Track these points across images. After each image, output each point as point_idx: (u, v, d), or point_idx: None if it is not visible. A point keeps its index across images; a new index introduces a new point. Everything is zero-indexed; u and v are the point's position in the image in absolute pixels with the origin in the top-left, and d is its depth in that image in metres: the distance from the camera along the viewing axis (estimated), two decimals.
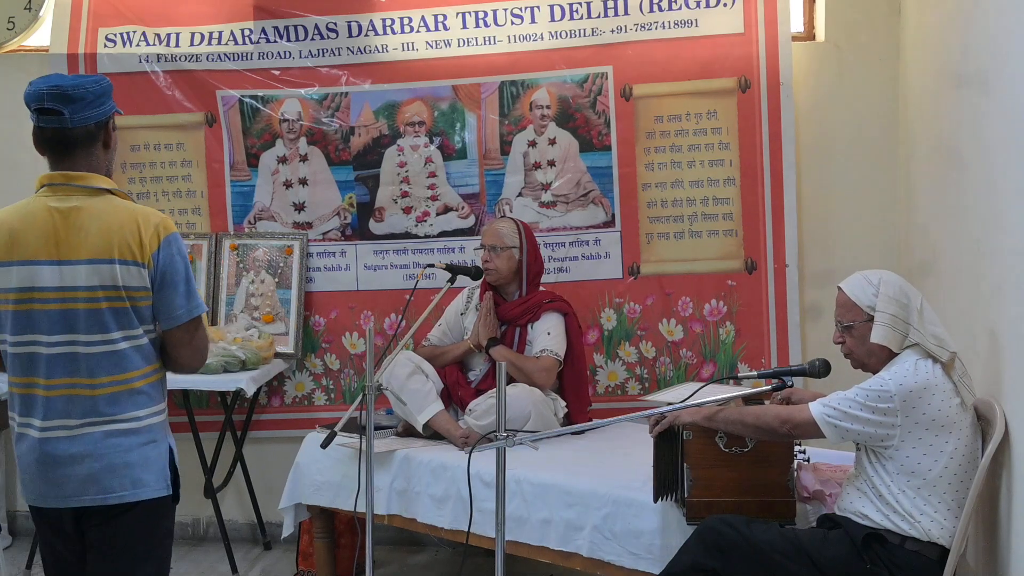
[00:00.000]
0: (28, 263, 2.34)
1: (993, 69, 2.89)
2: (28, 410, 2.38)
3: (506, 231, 3.98)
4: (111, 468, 2.36)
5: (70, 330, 2.34)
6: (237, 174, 4.58)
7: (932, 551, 2.61)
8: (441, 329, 4.12)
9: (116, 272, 2.33)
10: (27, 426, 2.39)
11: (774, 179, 4.28)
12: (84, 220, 2.35)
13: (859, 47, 4.28)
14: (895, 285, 2.73)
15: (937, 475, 2.62)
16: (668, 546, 2.97)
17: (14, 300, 2.36)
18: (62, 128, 2.37)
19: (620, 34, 4.32)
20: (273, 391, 4.62)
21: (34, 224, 2.36)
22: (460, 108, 4.45)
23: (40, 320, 2.35)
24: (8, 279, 2.35)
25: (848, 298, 2.78)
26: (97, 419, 2.36)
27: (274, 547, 4.57)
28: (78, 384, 2.35)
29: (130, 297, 2.35)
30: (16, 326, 2.36)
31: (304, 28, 4.48)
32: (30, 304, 2.35)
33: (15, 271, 2.35)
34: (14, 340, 2.37)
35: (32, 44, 4.74)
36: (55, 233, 2.34)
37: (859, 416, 2.65)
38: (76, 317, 2.34)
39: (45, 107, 2.39)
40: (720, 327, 4.35)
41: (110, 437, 2.37)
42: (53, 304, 2.34)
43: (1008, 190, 2.69)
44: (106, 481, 2.36)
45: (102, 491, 2.37)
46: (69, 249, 2.34)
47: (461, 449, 3.64)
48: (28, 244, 2.35)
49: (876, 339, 2.72)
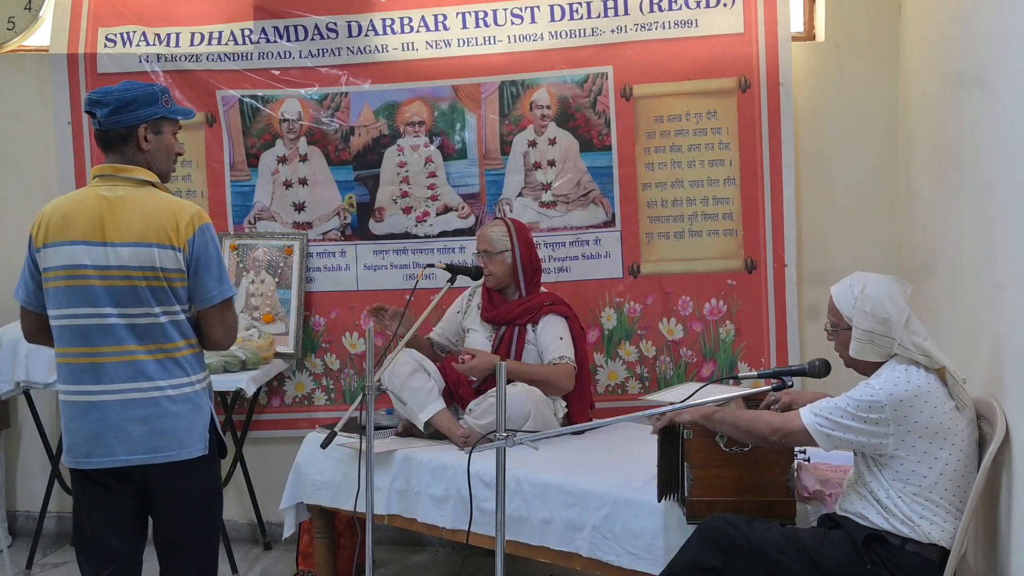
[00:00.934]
0: (76, 243, 2.63)
1: (993, 69, 2.89)
2: (78, 378, 2.64)
3: (496, 235, 3.97)
4: (160, 431, 2.64)
5: (117, 304, 2.62)
6: (237, 174, 4.58)
7: (932, 552, 2.61)
8: (441, 327, 4.14)
9: (155, 255, 2.62)
10: (78, 393, 2.64)
11: (774, 179, 4.28)
12: (129, 208, 2.65)
13: (859, 47, 4.28)
14: (874, 299, 2.67)
15: (932, 482, 2.61)
16: (668, 546, 2.97)
17: (64, 276, 2.64)
18: (98, 128, 2.70)
19: (620, 34, 4.32)
20: (273, 391, 4.62)
21: (84, 209, 2.66)
22: (460, 108, 4.45)
23: (88, 295, 2.62)
24: (58, 258, 2.64)
25: (833, 302, 2.78)
26: (146, 384, 2.64)
27: (274, 547, 4.58)
28: (127, 351, 2.63)
29: (167, 278, 2.64)
30: (67, 300, 2.64)
31: (304, 28, 4.48)
32: (78, 280, 2.63)
33: (65, 250, 2.63)
34: (65, 313, 2.64)
35: (32, 44, 4.74)
36: (102, 218, 2.64)
37: (850, 426, 2.63)
38: (120, 292, 2.62)
39: (87, 110, 2.73)
40: (720, 326, 4.36)
41: (159, 402, 2.65)
42: (97, 280, 2.62)
43: (1008, 190, 2.69)
44: (155, 442, 2.64)
45: (150, 451, 2.64)
46: (114, 233, 2.63)
47: (461, 449, 3.64)
48: (77, 227, 2.64)
49: (852, 352, 2.73)
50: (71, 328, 2.65)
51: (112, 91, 2.70)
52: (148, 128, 2.70)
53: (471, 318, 4.05)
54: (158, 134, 2.73)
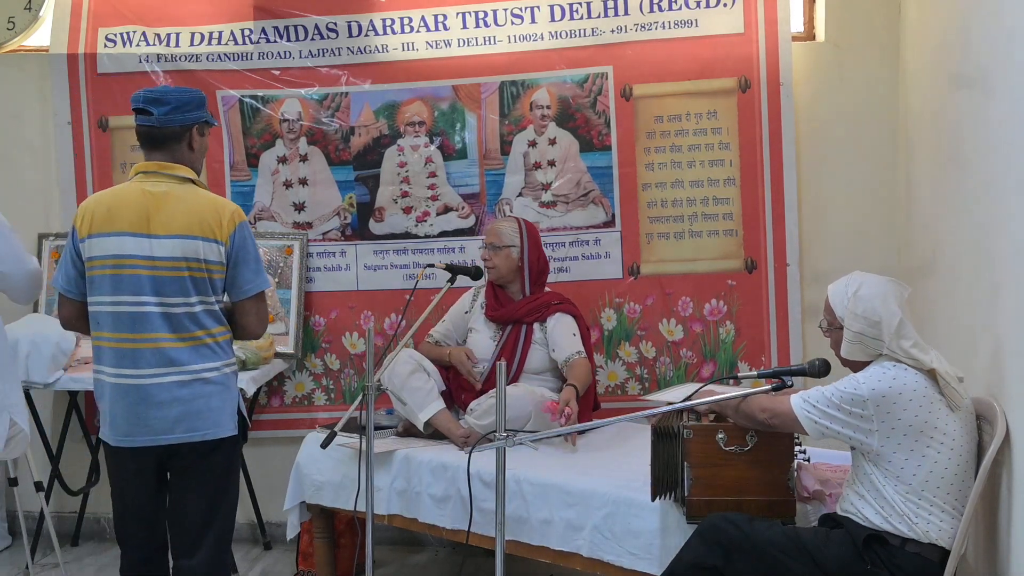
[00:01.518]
0: (122, 234, 2.81)
1: (993, 69, 2.89)
2: (121, 362, 2.83)
3: (506, 230, 3.99)
4: (196, 411, 2.85)
5: (158, 293, 2.81)
6: (237, 174, 4.58)
7: (933, 553, 2.61)
8: (445, 326, 4.11)
9: (199, 247, 2.83)
10: (120, 376, 2.83)
11: (774, 179, 4.28)
12: (173, 203, 2.84)
13: (859, 47, 4.28)
14: (866, 302, 2.69)
15: (923, 480, 2.61)
16: (668, 546, 2.97)
17: (111, 265, 2.82)
18: (151, 125, 2.86)
19: (620, 34, 4.32)
20: (273, 391, 4.62)
21: (129, 203, 2.84)
22: (460, 108, 4.45)
23: (133, 283, 2.81)
24: (105, 247, 2.82)
25: (828, 301, 2.81)
26: (181, 368, 2.83)
27: (274, 547, 4.57)
28: (163, 338, 2.82)
29: (208, 269, 2.85)
30: (112, 288, 2.82)
31: (304, 28, 4.48)
32: (123, 269, 2.81)
33: (111, 240, 2.82)
34: (110, 300, 2.82)
35: (32, 44, 4.74)
36: (147, 212, 2.82)
37: (835, 416, 2.66)
38: (163, 282, 2.81)
39: (140, 107, 2.87)
40: (720, 327, 4.36)
41: (193, 384, 2.85)
42: (143, 270, 2.81)
43: (1008, 190, 2.69)
44: (190, 422, 2.85)
45: (187, 430, 2.85)
46: (159, 226, 2.82)
47: (461, 449, 3.64)
48: (123, 219, 2.82)
49: (842, 352, 2.76)
50: (116, 315, 2.82)
51: (171, 91, 2.92)
52: (197, 129, 2.92)
53: (475, 317, 4.05)
54: (203, 136, 2.96)
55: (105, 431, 2.92)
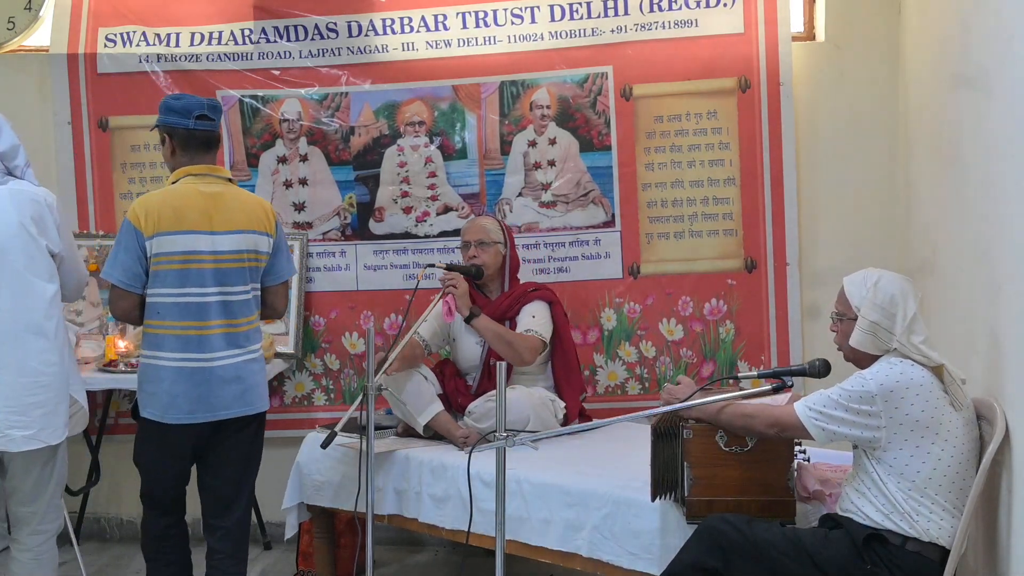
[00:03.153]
0: (189, 232, 3.14)
1: (994, 69, 2.89)
2: (186, 347, 3.15)
3: (491, 227, 3.99)
4: (253, 387, 3.27)
5: (221, 283, 3.17)
6: (237, 174, 4.57)
7: (933, 552, 2.61)
8: (431, 326, 3.97)
9: (255, 240, 3.23)
10: (185, 360, 3.14)
11: (774, 179, 4.29)
12: (228, 201, 3.21)
13: (859, 47, 4.28)
14: (886, 293, 2.71)
15: (926, 477, 2.61)
16: (668, 546, 2.97)
17: (179, 261, 3.13)
18: (211, 131, 3.23)
19: (620, 34, 4.33)
20: (273, 391, 4.61)
21: (191, 203, 3.17)
22: (460, 108, 4.45)
23: (199, 276, 3.15)
24: (174, 245, 3.13)
25: (844, 291, 2.80)
26: (240, 350, 3.22)
27: (274, 547, 4.58)
28: (228, 324, 3.19)
29: (259, 260, 3.25)
30: (180, 281, 3.13)
31: (304, 28, 4.48)
32: (191, 264, 3.14)
33: (180, 239, 3.13)
34: (178, 292, 3.14)
35: (32, 44, 4.74)
36: (208, 210, 3.17)
37: (843, 418, 2.65)
38: (226, 274, 3.18)
39: (203, 114, 3.21)
40: (720, 326, 4.36)
41: (249, 364, 3.26)
42: (208, 264, 3.15)
43: (1008, 190, 2.69)
44: (248, 396, 3.26)
45: (245, 404, 3.25)
46: (220, 222, 3.17)
47: (461, 449, 3.64)
48: (188, 218, 3.14)
49: (852, 342, 2.74)
50: (182, 305, 3.14)
51: (216, 103, 3.31)
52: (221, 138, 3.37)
53: (456, 325, 3.99)
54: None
55: (155, 411, 3.18)
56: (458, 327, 3.98)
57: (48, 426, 3.09)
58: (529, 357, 3.80)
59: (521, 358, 3.77)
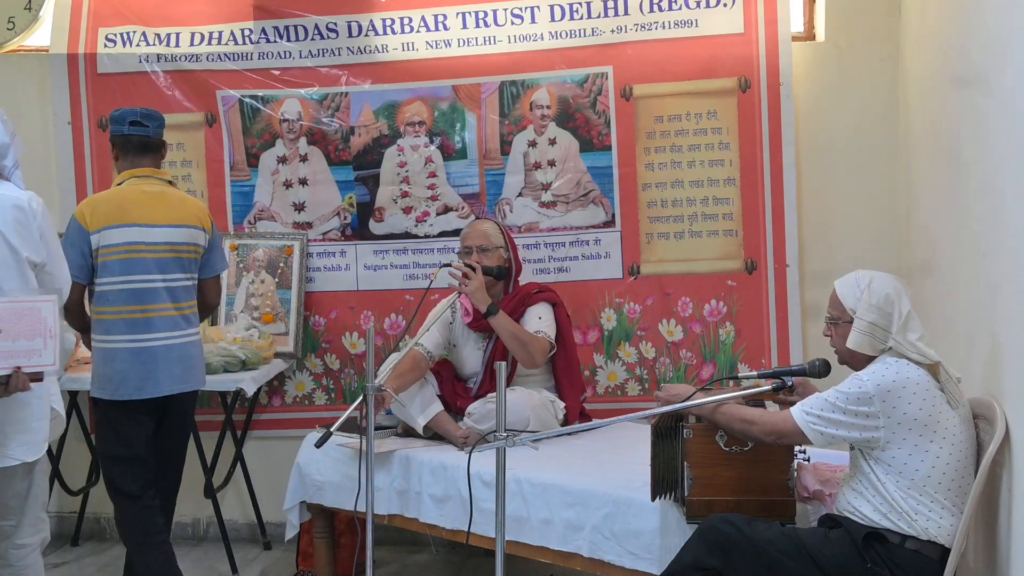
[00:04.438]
0: (132, 226, 3.45)
1: (993, 69, 2.89)
2: (133, 329, 3.44)
3: (492, 231, 3.98)
4: (194, 366, 3.58)
5: (163, 271, 3.49)
6: (237, 174, 4.58)
7: (932, 551, 2.61)
8: (434, 337, 3.89)
9: (193, 234, 3.56)
10: (133, 341, 3.44)
11: (774, 179, 4.29)
12: (168, 200, 3.55)
13: (859, 47, 4.28)
14: (881, 293, 2.71)
15: (925, 475, 2.61)
16: (668, 546, 2.97)
17: (124, 251, 3.44)
18: (147, 136, 3.55)
19: (620, 34, 4.33)
20: (273, 391, 4.62)
21: (134, 200, 3.50)
22: (460, 108, 4.45)
23: (143, 264, 3.46)
24: (118, 237, 3.44)
25: (837, 295, 2.80)
26: (182, 332, 3.53)
27: (274, 547, 4.57)
28: (173, 308, 3.50)
29: (198, 252, 3.58)
30: (124, 269, 3.44)
31: (304, 28, 4.48)
32: (133, 254, 3.45)
33: (123, 231, 3.45)
34: (122, 279, 3.44)
35: (32, 44, 4.74)
36: (149, 207, 3.50)
37: (841, 420, 2.65)
38: (167, 262, 3.50)
39: (136, 120, 3.54)
40: (720, 327, 4.36)
41: (190, 345, 3.56)
42: (149, 253, 3.47)
43: (1008, 190, 2.69)
44: (190, 375, 3.56)
45: (188, 382, 3.55)
46: (160, 218, 3.49)
47: (461, 449, 3.63)
48: (131, 213, 3.47)
49: (850, 344, 2.74)
50: (128, 291, 3.44)
51: (154, 111, 3.63)
52: (165, 147, 3.65)
53: (457, 332, 3.98)
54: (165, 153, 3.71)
55: (110, 390, 3.46)
56: (459, 333, 3.97)
57: (24, 444, 2.95)
58: (540, 360, 3.80)
59: (533, 360, 3.77)
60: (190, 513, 4.66)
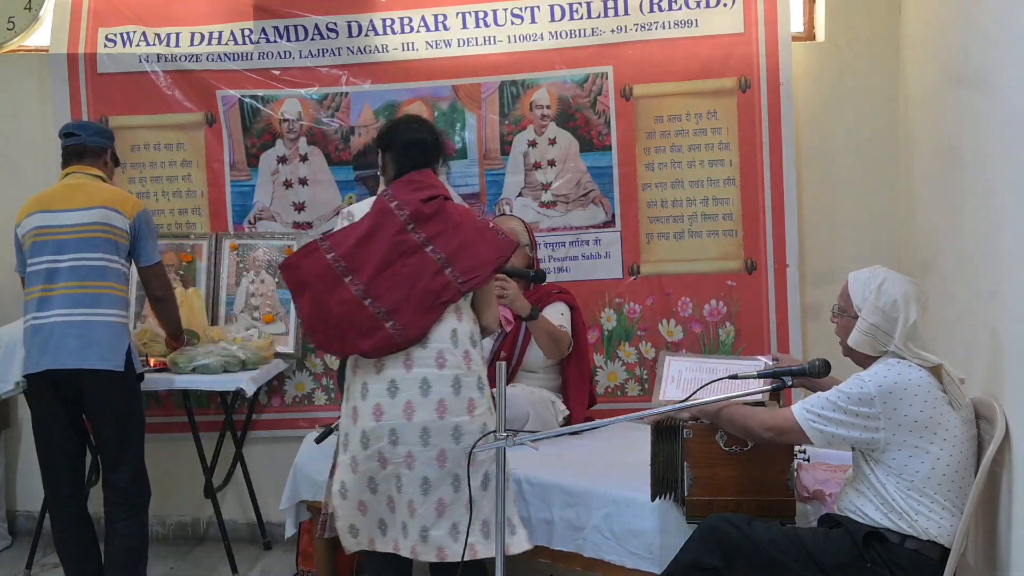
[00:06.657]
0: (43, 212, 3.63)
1: (993, 69, 2.90)
2: (38, 307, 3.55)
3: (519, 228, 3.97)
4: (94, 343, 3.53)
5: (74, 252, 3.56)
6: (237, 174, 4.58)
7: (932, 550, 2.61)
8: None
9: (107, 215, 3.62)
10: (35, 319, 3.54)
11: (774, 179, 4.29)
12: (84, 187, 3.68)
13: (859, 47, 4.28)
14: (889, 298, 2.68)
15: (925, 476, 2.61)
16: (668, 546, 2.97)
17: (33, 236, 3.61)
18: (80, 144, 3.74)
19: (620, 34, 4.33)
20: (273, 391, 4.62)
21: (53, 192, 3.71)
22: (460, 108, 4.45)
23: (49, 246, 3.57)
24: (30, 223, 3.63)
25: (848, 287, 2.79)
26: (85, 309, 3.54)
27: (274, 547, 4.57)
28: (77, 286, 3.55)
29: (113, 232, 3.62)
30: (34, 252, 3.59)
31: (304, 28, 4.48)
32: (40, 237, 3.60)
33: (34, 218, 3.63)
34: (33, 261, 3.58)
35: (32, 44, 4.74)
36: (63, 195, 3.66)
37: (841, 420, 2.64)
38: (77, 243, 3.58)
39: (70, 131, 3.76)
40: (720, 328, 4.36)
41: (95, 323, 3.54)
42: (53, 236, 3.59)
43: (1008, 190, 2.69)
44: (88, 352, 3.51)
45: (83, 358, 3.51)
46: (72, 202, 3.63)
47: None
48: (45, 201, 3.67)
49: (851, 341, 2.74)
50: (36, 272, 3.58)
51: (88, 123, 4.01)
52: (111, 155, 3.84)
53: None
54: (116, 164, 3.91)
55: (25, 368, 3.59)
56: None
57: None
58: (565, 352, 3.86)
59: (562, 353, 3.85)
60: (190, 513, 4.66)
